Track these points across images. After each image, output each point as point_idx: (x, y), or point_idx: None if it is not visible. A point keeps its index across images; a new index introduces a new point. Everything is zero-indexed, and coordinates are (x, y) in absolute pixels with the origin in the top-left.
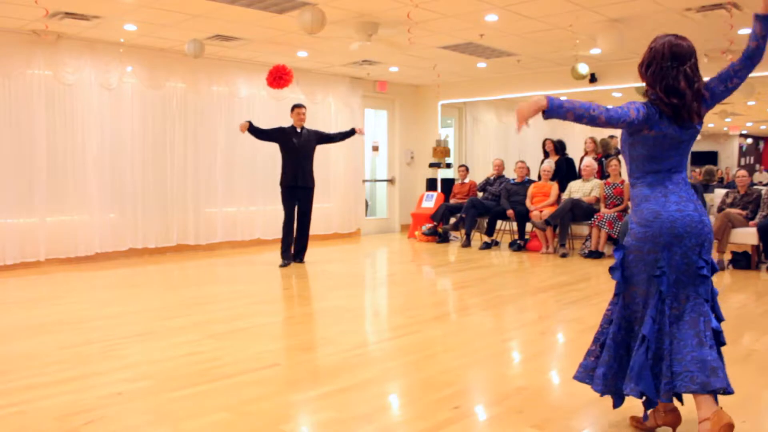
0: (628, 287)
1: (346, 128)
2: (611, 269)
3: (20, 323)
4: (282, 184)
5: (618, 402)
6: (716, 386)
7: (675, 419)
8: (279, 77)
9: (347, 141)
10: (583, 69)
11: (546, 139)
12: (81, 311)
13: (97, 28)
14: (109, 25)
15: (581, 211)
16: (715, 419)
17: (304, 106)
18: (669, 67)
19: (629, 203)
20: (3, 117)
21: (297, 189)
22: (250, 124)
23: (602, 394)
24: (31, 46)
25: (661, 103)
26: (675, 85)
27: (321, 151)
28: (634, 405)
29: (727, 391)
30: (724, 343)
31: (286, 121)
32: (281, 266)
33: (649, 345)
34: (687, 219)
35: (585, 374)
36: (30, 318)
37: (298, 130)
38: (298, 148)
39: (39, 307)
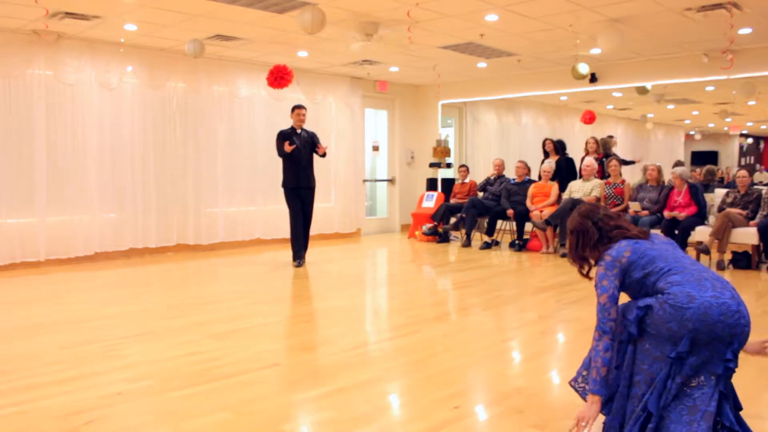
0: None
1: (347, 128)
2: (628, 322)
3: (20, 323)
4: (285, 185)
5: None
6: None
7: None
8: (279, 77)
9: (347, 141)
10: (584, 69)
11: (546, 139)
12: (81, 311)
13: (97, 28)
14: (110, 24)
15: None
16: None
17: (304, 107)
18: (591, 230)
19: (629, 203)
20: (3, 117)
21: (300, 189)
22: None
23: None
24: (31, 46)
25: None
26: (607, 234)
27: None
28: None
29: None
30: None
31: (286, 121)
32: (296, 266)
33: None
34: (725, 307)
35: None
36: (30, 318)
37: (298, 131)
38: (299, 149)
39: (39, 307)
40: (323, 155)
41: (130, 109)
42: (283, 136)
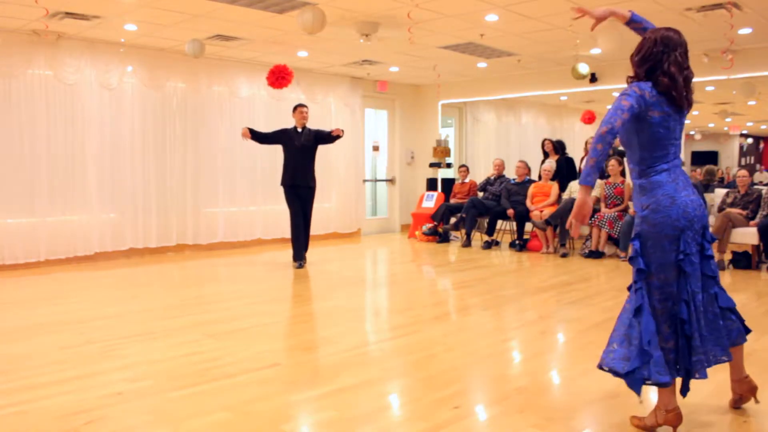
0: (648, 275)
1: (347, 128)
2: (632, 259)
3: (21, 323)
4: (283, 183)
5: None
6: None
7: (676, 419)
8: (280, 77)
9: (347, 140)
10: (584, 69)
11: (545, 140)
12: (81, 311)
13: (97, 28)
14: (110, 25)
15: None
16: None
17: (306, 106)
18: (660, 52)
19: (630, 203)
20: (3, 117)
21: (299, 188)
22: (251, 130)
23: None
24: (31, 46)
25: (656, 85)
26: (666, 69)
27: (322, 151)
28: (632, 404)
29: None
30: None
31: (286, 121)
32: (297, 267)
33: (688, 329)
34: (695, 203)
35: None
36: (30, 318)
37: (300, 129)
38: (299, 148)
39: (39, 307)
40: (338, 136)
41: (130, 109)
42: (283, 131)
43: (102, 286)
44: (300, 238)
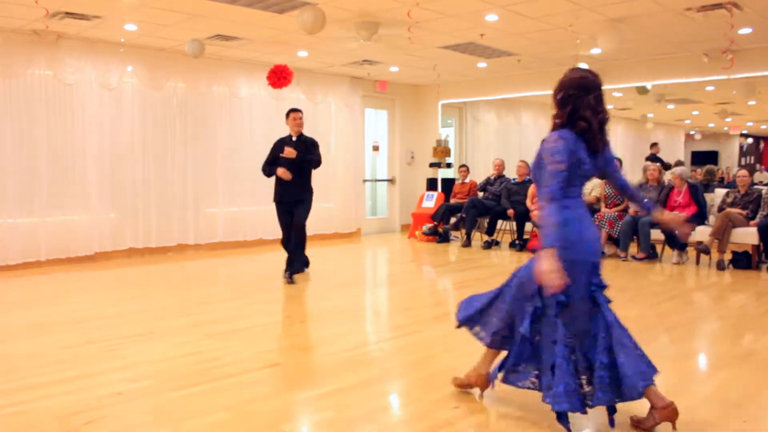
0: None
1: (347, 128)
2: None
3: (21, 323)
4: (275, 200)
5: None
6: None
7: (673, 414)
8: (280, 77)
9: (347, 141)
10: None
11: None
12: (81, 311)
13: (97, 28)
14: (110, 25)
15: None
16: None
17: (300, 111)
18: (575, 96)
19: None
20: (4, 117)
21: (287, 204)
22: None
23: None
24: (31, 46)
25: (573, 128)
26: (581, 113)
27: (322, 151)
28: (632, 405)
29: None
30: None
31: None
32: (287, 282)
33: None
34: (598, 242)
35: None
36: (30, 318)
37: (294, 138)
38: (293, 160)
39: (39, 307)
40: (294, 159)
41: (130, 109)
42: (276, 145)
43: (102, 286)
44: (291, 253)
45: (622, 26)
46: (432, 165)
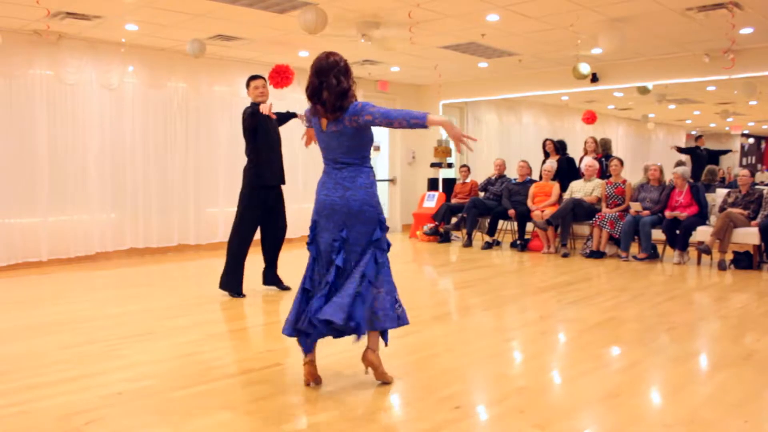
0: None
1: None
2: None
3: (22, 323)
4: (254, 183)
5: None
6: None
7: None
8: (282, 77)
9: None
10: (585, 69)
11: (546, 140)
12: (82, 311)
13: (98, 28)
14: (111, 25)
15: (583, 211)
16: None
17: (262, 77)
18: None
19: (631, 203)
20: (4, 117)
21: (273, 189)
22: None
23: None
24: (32, 46)
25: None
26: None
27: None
28: (634, 404)
29: None
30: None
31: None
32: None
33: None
34: (328, 201)
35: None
36: (31, 318)
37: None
38: (270, 133)
39: (40, 307)
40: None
41: (131, 109)
42: (251, 113)
43: (103, 286)
44: (244, 260)
45: (623, 26)
46: (433, 165)
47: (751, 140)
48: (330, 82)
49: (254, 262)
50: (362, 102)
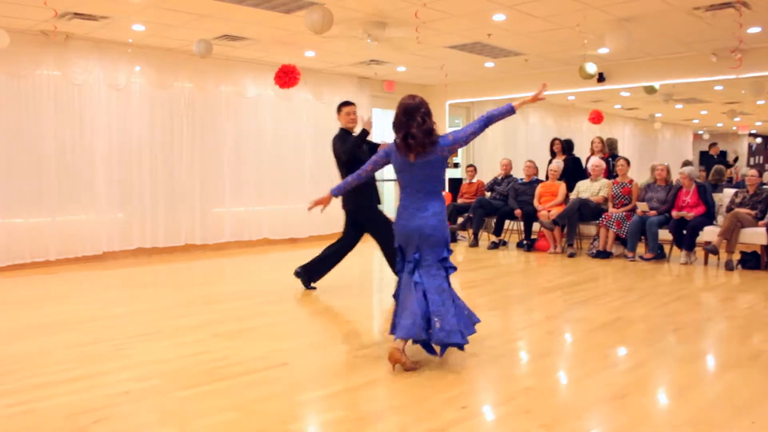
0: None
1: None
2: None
3: (29, 322)
4: (377, 202)
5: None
6: None
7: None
8: (288, 77)
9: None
10: (591, 68)
11: (555, 139)
12: (89, 310)
13: (105, 28)
14: (118, 25)
15: (589, 211)
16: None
17: (353, 104)
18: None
19: (638, 202)
20: (13, 117)
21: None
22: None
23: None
24: (40, 46)
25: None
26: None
27: (327, 150)
28: (641, 404)
29: None
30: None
31: (293, 121)
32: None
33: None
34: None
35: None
36: (39, 317)
37: (353, 134)
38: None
39: (47, 307)
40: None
41: (137, 109)
42: (344, 137)
43: (110, 286)
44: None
45: (629, 26)
46: None
47: (759, 140)
48: (417, 121)
49: (263, 261)
50: (450, 133)
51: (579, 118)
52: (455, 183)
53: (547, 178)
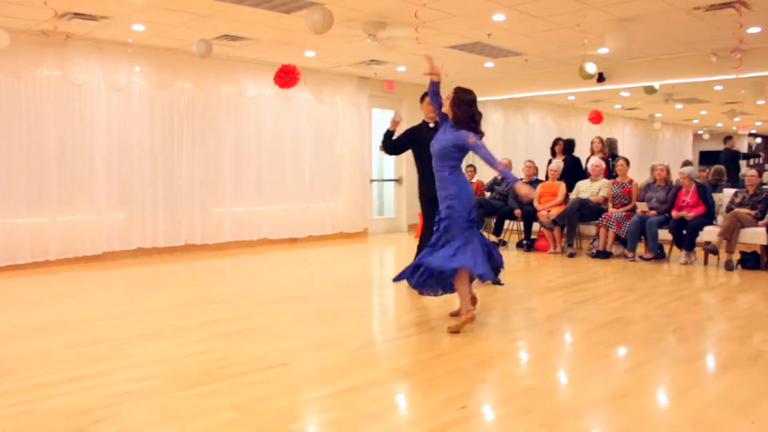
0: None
1: (354, 128)
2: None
3: (29, 322)
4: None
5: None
6: None
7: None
8: (288, 77)
9: (354, 140)
10: (591, 68)
11: (558, 139)
12: (89, 310)
13: (105, 28)
14: (118, 25)
15: (589, 211)
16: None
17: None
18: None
19: (637, 203)
20: (13, 117)
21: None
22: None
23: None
24: (40, 46)
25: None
26: None
27: (327, 150)
28: (641, 405)
29: None
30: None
31: (294, 121)
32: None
33: None
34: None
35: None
36: (39, 317)
37: (431, 125)
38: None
39: (48, 307)
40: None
41: (138, 109)
42: (412, 131)
43: (110, 286)
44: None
45: (629, 25)
46: None
47: (759, 140)
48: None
49: (263, 261)
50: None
51: (579, 118)
52: None
53: (546, 178)
